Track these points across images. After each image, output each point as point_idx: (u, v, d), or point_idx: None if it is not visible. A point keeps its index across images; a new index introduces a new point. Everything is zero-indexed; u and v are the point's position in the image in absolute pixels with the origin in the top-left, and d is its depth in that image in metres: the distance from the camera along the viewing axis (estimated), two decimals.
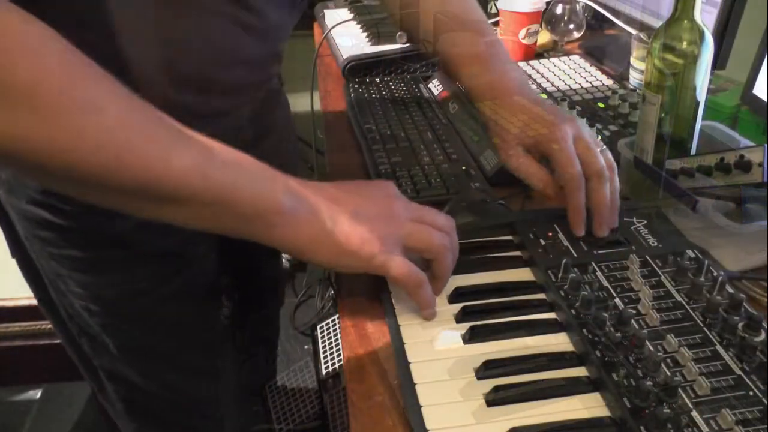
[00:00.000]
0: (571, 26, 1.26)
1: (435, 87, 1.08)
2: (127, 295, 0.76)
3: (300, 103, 1.32)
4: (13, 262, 1.21)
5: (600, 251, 0.64)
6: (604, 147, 0.66)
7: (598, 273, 0.61)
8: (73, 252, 0.72)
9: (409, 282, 0.56)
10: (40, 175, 0.51)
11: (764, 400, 0.47)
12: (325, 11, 1.45)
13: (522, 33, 1.19)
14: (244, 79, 0.73)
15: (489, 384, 0.51)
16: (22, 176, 0.68)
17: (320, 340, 1.55)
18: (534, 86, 1.09)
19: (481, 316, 0.58)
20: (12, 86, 0.42)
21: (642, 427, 0.45)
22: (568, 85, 1.08)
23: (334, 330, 1.55)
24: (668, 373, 0.49)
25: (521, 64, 1.18)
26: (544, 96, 1.04)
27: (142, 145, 0.47)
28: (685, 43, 0.70)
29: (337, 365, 1.44)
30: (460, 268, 0.62)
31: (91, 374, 0.89)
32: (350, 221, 0.55)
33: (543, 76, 1.12)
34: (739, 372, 0.50)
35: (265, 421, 1.41)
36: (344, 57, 1.18)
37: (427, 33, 0.81)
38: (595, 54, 1.25)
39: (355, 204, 0.56)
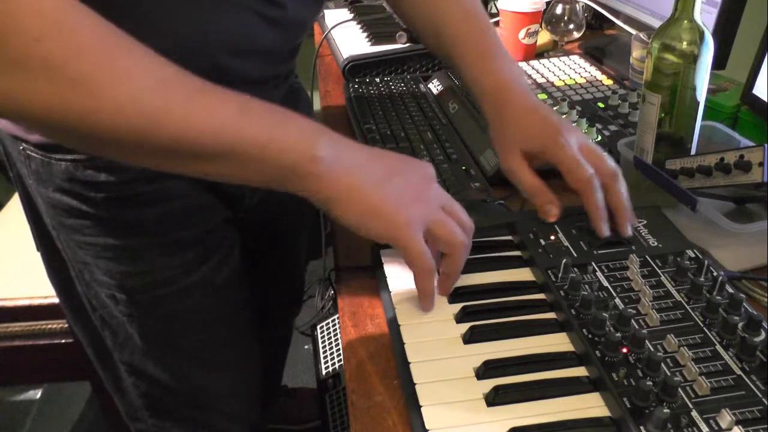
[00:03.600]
0: (571, 26, 1.26)
1: (435, 87, 1.08)
2: (150, 285, 0.77)
3: None
4: (14, 262, 1.22)
5: (600, 251, 0.64)
6: (605, 152, 0.67)
7: (598, 273, 0.61)
8: (99, 239, 0.73)
9: (422, 267, 0.56)
10: (82, 141, 0.53)
11: (764, 400, 0.47)
12: (325, 11, 1.45)
13: (522, 33, 1.19)
14: (263, 71, 0.74)
15: (489, 384, 0.51)
16: (65, 143, 0.69)
17: (320, 340, 1.55)
18: (534, 86, 1.09)
19: (481, 316, 0.58)
20: (49, 61, 0.44)
21: (642, 427, 0.45)
22: (568, 86, 1.08)
23: (334, 330, 1.55)
24: (668, 373, 0.49)
25: (521, 64, 1.18)
26: (544, 96, 1.04)
27: (179, 106, 0.49)
28: (685, 43, 0.70)
29: (337, 365, 1.44)
30: None
31: (109, 370, 0.89)
32: (388, 185, 0.55)
33: (543, 76, 1.12)
34: (739, 372, 0.50)
35: (267, 420, 1.41)
36: (344, 57, 1.18)
37: (428, 26, 0.80)
38: (595, 54, 1.26)
39: (394, 172, 0.57)
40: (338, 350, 1.48)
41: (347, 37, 1.29)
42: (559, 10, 1.25)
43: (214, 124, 0.50)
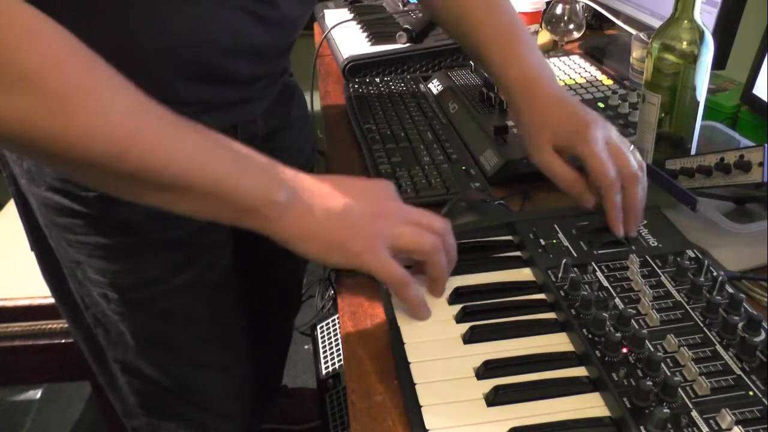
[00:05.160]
0: (571, 26, 1.26)
1: (435, 87, 1.08)
2: (141, 284, 0.77)
3: None
4: (13, 262, 1.22)
5: (600, 251, 0.64)
6: (633, 147, 0.65)
7: (598, 273, 0.61)
8: (89, 238, 0.73)
9: (393, 282, 0.57)
10: (46, 159, 0.52)
11: (764, 400, 0.47)
12: (325, 11, 1.45)
13: None
14: (255, 70, 0.74)
15: (489, 384, 0.51)
16: (28, 159, 0.70)
17: (320, 340, 1.55)
18: None
19: (481, 316, 0.58)
20: (21, 72, 0.44)
21: (642, 427, 0.45)
22: (568, 86, 1.08)
23: (334, 330, 1.55)
24: (668, 373, 0.49)
25: None
26: None
27: (149, 136, 0.49)
28: (685, 43, 0.70)
29: (337, 365, 1.44)
30: (460, 268, 0.62)
31: (103, 368, 0.89)
32: (341, 218, 0.56)
33: None
34: (739, 372, 0.50)
35: (267, 420, 1.41)
36: (344, 57, 1.18)
37: (451, 14, 0.78)
38: (595, 54, 1.25)
39: (349, 201, 0.57)
40: (338, 350, 1.48)
41: (347, 37, 1.29)
42: (559, 10, 1.25)
43: (180, 158, 0.50)
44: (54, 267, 0.82)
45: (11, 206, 1.39)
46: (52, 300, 0.98)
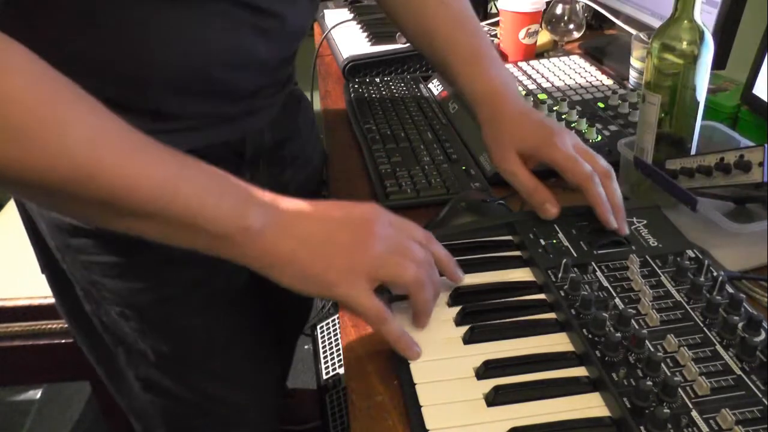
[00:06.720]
0: (571, 26, 1.26)
1: (435, 87, 1.08)
2: (158, 302, 0.77)
3: None
4: (13, 262, 1.22)
5: (600, 251, 0.64)
6: (598, 154, 0.67)
7: (598, 273, 0.61)
8: (104, 258, 0.73)
9: (369, 317, 0.54)
10: (11, 189, 0.51)
11: (764, 400, 0.47)
12: (325, 11, 1.45)
13: (522, 33, 1.19)
14: (258, 82, 0.74)
15: (489, 384, 0.51)
16: None
17: (320, 340, 1.55)
18: (534, 86, 1.09)
19: (480, 316, 0.58)
20: None
21: (642, 427, 0.45)
22: (568, 85, 1.08)
23: (334, 330, 1.55)
24: (668, 373, 0.49)
25: (521, 64, 1.18)
26: (544, 96, 1.04)
27: (113, 163, 0.47)
28: (685, 43, 0.70)
29: (337, 365, 1.44)
30: (460, 269, 0.62)
31: (123, 389, 0.88)
32: (318, 247, 0.53)
33: (543, 76, 1.12)
34: (739, 372, 0.50)
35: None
36: (344, 57, 1.18)
37: (420, 31, 0.81)
38: (595, 54, 1.25)
39: (328, 229, 0.54)
40: (338, 350, 1.48)
41: (347, 37, 1.29)
42: (559, 10, 1.25)
43: (147, 185, 0.48)
44: (67, 290, 0.80)
45: (11, 206, 1.39)
46: (52, 300, 0.98)
